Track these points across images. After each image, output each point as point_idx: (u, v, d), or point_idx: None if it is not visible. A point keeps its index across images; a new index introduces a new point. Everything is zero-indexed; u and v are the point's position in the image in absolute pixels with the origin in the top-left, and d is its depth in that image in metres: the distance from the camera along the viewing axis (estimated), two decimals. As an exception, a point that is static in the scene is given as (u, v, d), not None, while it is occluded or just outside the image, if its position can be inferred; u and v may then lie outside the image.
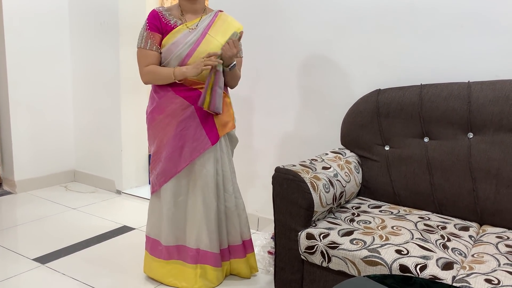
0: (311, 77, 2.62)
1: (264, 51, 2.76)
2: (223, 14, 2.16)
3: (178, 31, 2.05)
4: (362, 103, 2.27)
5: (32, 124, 3.61)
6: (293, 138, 2.73)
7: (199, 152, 2.11)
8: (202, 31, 2.07)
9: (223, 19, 2.13)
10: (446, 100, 2.05)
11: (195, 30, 2.06)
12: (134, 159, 3.72)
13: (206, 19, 2.10)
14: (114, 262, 2.47)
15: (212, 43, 2.07)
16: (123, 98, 3.55)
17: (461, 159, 2.00)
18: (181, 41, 2.04)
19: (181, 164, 2.12)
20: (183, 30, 2.06)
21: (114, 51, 3.49)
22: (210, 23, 2.10)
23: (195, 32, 2.06)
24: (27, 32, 3.49)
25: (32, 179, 3.64)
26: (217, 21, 2.11)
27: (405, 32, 2.29)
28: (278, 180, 1.89)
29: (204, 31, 2.07)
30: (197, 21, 2.09)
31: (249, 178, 2.93)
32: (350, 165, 2.18)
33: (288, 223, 1.87)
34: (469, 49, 2.14)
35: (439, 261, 1.57)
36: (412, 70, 2.29)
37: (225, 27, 2.12)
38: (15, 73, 3.46)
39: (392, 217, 1.95)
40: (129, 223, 3.03)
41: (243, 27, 2.16)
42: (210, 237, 2.16)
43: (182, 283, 2.20)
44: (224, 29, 2.11)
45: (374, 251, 1.63)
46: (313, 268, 1.82)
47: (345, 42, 2.48)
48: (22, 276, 2.30)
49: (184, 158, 2.12)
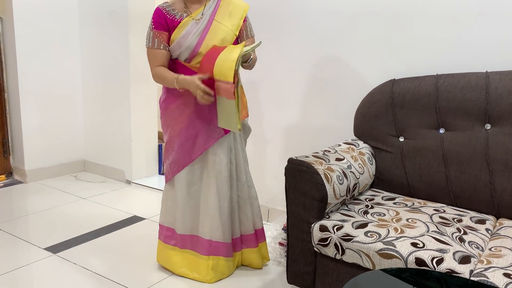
0: (324, 67, 2.58)
1: (276, 40, 2.72)
2: None
3: (184, 24, 2.03)
4: (376, 93, 2.23)
5: (42, 114, 3.61)
6: (305, 129, 2.70)
7: (213, 141, 2.10)
8: (208, 19, 2.04)
9: (227, 2, 2.09)
10: (463, 90, 2.00)
11: (202, 19, 2.04)
12: (143, 149, 3.71)
13: (211, 5, 2.07)
14: (125, 252, 2.47)
15: (220, 28, 2.04)
16: (132, 88, 3.53)
17: (478, 151, 1.96)
18: (189, 32, 2.02)
19: (195, 153, 2.11)
20: (189, 22, 2.03)
21: (124, 40, 3.47)
22: (215, 8, 2.07)
23: (202, 21, 2.03)
24: (36, 22, 3.47)
25: (43, 169, 3.65)
26: (221, 5, 2.08)
27: (420, 21, 2.24)
28: (291, 172, 1.87)
29: (210, 18, 2.05)
30: (202, 10, 2.06)
31: (259, 169, 2.91)
32: (364, 156, 2.15)
33: (301, 215, 1.84)
34: (487, 38, 2.09)
35: (456, 255, 1.54)
36: (427, 60, 2.24)
37: (231, 9, 2.08)
38: (25, 64, 3.45)
39: (406, 209, 1.92)
40: (139, 213, 3.02)
41: (249, 6, 2.13)
42: (223, 227, 2.16)
43: (194, 274, 2.19)
44: (230, 11, 2.08)
45: (389, 244, 1.61)
46: (326, 260, 1.80)
47: (358, 30, 2.43)
48: (34, 265, 2.30)
49: (198, 147, 2.11)
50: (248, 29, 2.15)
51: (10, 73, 3.48)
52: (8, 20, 3.39)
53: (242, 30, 2.12)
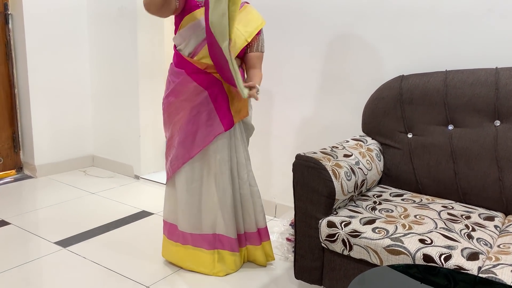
0: (331, 63, 2.57)
1: (284, 35, 2.71)
2: (249, 6, 2.13)
3: (199, 13, 2.02)
4: (384, 89, 2.22)
5: (52, 109, 3.64)
6: (313, 125, 2.70)
7: (212, 137, 2.09)
8: None
9: (247, 11, 2.10)
10: (472, 86, 1.99)
11: None
12: (152, 144, 3.73)
13: None
14: (134, 246, 2.49)
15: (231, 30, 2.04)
16: (141, 84, 3.55)
17: (487, 148, 1.95)
18: (201, 24, 2.02)
19: (194, 150, 2.11)
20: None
21: (132, 36, 3.48)
22: None
23: None
24: (46, 18, 3.49)
25: (52, 164, 3.69)
26: (242, 11, 2.08)
27: (429, 16, 2.23)
28: (299, 168, 1.87)
29: None
30: None
31: (267, 165, 2.91)
32: (372, 152, 2.15)
33: (308, 211, 1.85)
34: (497, 34, 2.07)
35: (464, 251, 1.54)
36: (436, 56, 2.23)
37: (248, 18, 2.08)
38: (35, 59, 3.47)
39: (414, 205, 1.92)
40: (147, 208, 3.05)
41: (265, 23, 2.14)
42: (226, 222, 2.16)
43: (200, 268, 2.21)
44: (247, 20, 2.08)
45: (397, 240, 1.61)
46: (334, 256, 1.81)
47: (367, 26, 2.42)
48: (44, 259, 2.33)
49: (197, 144, 2.11)
50: (260, 43, 2.13)
51: (20, 69, 3.51)
52: (18, 16, 3.41)
53: (254, 41, 2.10)
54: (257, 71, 2.13)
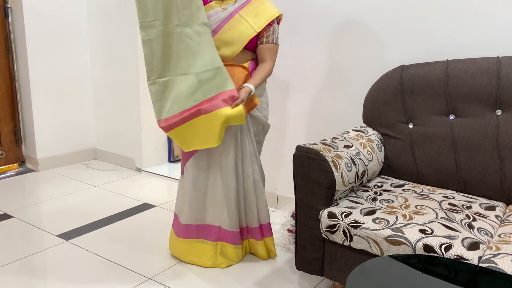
0: (332, 53, 2.56)
1: (286, 27, 2.69)
2: None
3: (210, 7, 2.04)
4: (385, 79, 2.21)
5: (53, 103, 3.64)
6: (314, 116, 2.69)
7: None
8: (232, 11, 2.04)
9: (260, 2, 2.08)
10: (474, 76, 1.98)
11: (227, 10, 2.04)
12: (153, 137, 3.73)
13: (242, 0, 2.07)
14: (136, 238, 2.50)
15: (240, 22, 2.03)
16: (142, 76, 3.54)
17: (488, 137, 1.94)
18: (209, 16, 2.02)
19: None
20: (216, 7, 2.05)
21: (133, 29, 3.47)
22: (244, 3, 2.06)
23: (227, 11, 2.04)
24: (46, 12, 3.48)
25: (54, 157, 3.70)
26: (253, 3, 2.07)
27: (430, 6, 2.21)
28: (299, 159, 1.87)
29: (235, 10, 2.04)
30: (233, 1, 2.06)
31: (268, 156, 2.91)
32: (373, 143, 2.14)
33: (309, 202, 1.85)
34: (498, 23, 2.05)
35: (465, 241, 1.54)
36: (437, 45, 2.21)
37: (260, 10, 2.06)
38: (35, 53, 3.47)
39: (415, 196, 1.92)
40: (149, 200, 3.05)
41: (280, 14, 2.11)
42: (230, 216, 2.17)
43: (203, 260, 2.22)
44: (258, 12, 2.06)
45: (397, 230, 1.61)
46: (335, 246, 1.81)
47: (368, 17, 2.40)
48: (47, 251, 2.35)
49: None
50: (271, 35, 2.09)
51: (21, 63, 3.51)
52: (18, 10, 3.40)
53: (263, 32, 2.07)
54: (264, 65, 2.10)
